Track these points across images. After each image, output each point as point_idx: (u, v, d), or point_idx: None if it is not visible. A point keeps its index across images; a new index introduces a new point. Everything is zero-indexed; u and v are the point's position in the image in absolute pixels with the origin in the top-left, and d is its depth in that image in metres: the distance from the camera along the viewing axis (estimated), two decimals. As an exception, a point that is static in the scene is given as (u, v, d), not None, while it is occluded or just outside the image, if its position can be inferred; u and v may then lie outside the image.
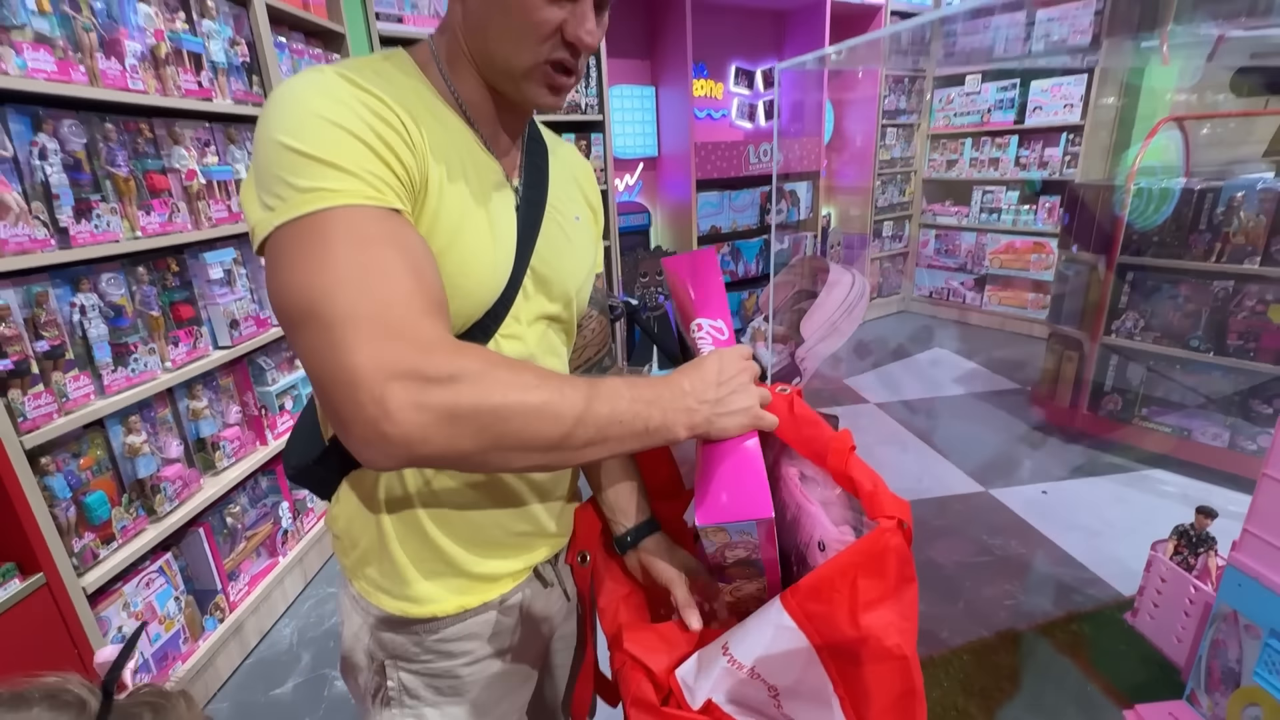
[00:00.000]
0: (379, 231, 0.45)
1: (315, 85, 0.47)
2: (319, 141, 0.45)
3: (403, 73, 0.56)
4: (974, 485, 2.34)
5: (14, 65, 1.14)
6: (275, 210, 0.45)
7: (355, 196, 0.45)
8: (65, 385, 1.23)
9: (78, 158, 1.28)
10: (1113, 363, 2.49)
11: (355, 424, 0.41)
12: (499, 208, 0.58)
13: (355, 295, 0.42)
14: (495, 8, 0.52)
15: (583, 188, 0.73)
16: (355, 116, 0.46)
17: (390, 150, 0.47)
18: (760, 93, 3.95)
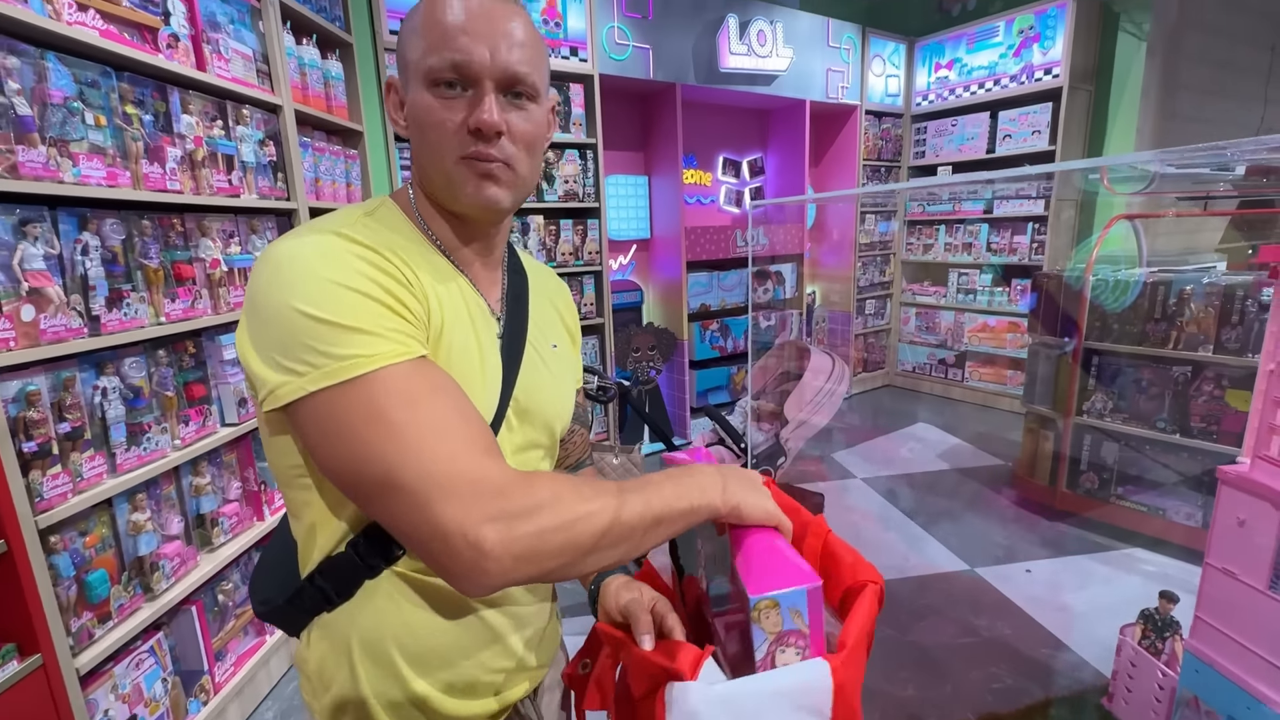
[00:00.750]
0: (420, 385, 0.49)
1: (318, 251, 0.51)
2: (339, 308, 0.48)
3: (389, 225, 0.60)
4: (959, 563, 2.37)
5: (70, 174, 1.27)
6: (305, 376, 0.48)
7: (389, 357, 0.48)
8: (81, 465, 1.28)
9: (115, 251, 1.39)
10: (1087, 442, 2.59)
11: (455, 570, 0.46)
12: (486, 342, 0.62)
13: (426, 458, 0.46)
14: (420, 127, 0.58)
15: (561, 314, 0.77)
16: (363, 277, 0.50)
17: (400, 303, 0.52)
18: (746, 180, 4.22)
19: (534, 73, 0.58)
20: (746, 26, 3.50)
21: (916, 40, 4.42)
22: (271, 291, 0.49)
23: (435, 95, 0.56)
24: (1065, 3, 3.59)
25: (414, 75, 0.57)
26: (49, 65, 1.24)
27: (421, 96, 0.57)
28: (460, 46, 0.55)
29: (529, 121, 0.59)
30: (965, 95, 4.20)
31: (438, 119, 0.56)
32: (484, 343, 0.62)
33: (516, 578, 0.47)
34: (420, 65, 0.56)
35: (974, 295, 4.29)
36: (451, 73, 0.55)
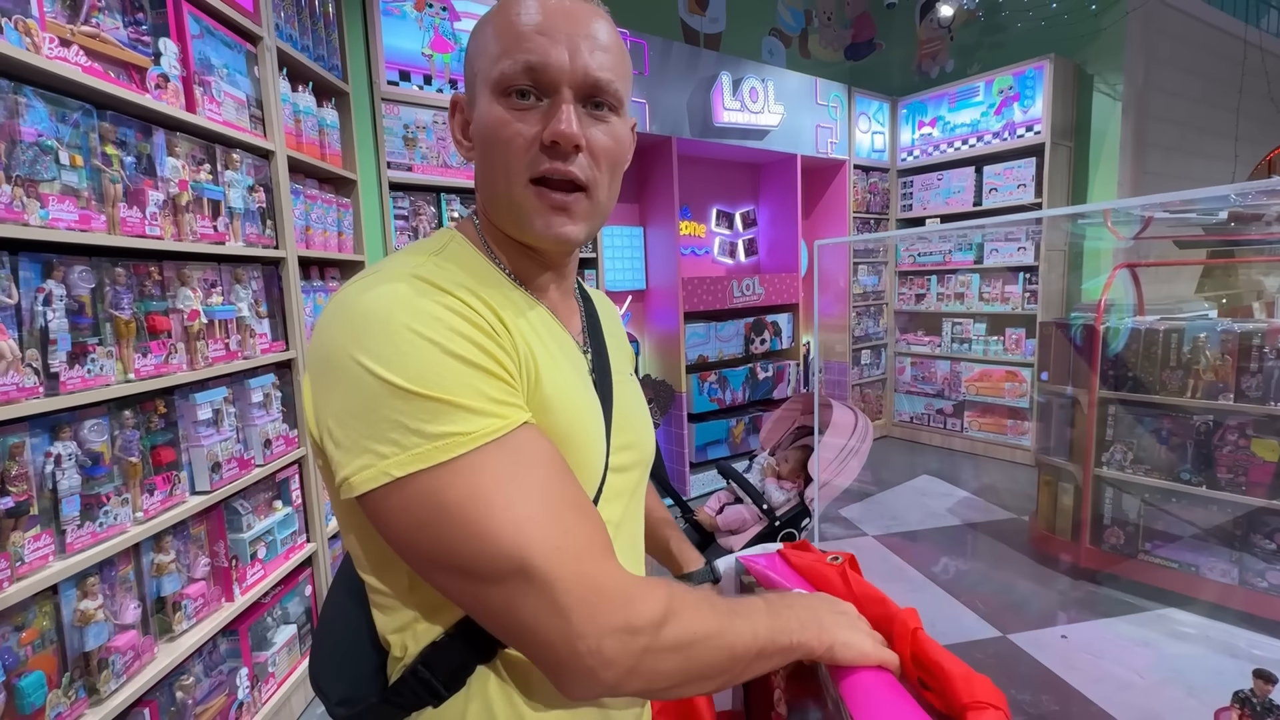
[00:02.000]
0: (525, 461, 0.44)
1: (399, 302, 0.44)
2: (426, 375, 0.41)
3: (462, 264, 0.52)
4: (990, 629, 2.21)
5: (37, 217, 1.14)
6: (390, 459, 0.41)
7: (488, 434, 0.42)
8: (23, 547, 1.10)
9: (82, 302, 1.26)
10: (1108, 495, 2.49)
11: (567, 675, 0.43)
12: (585, 385, 0.56)
13: (543, 553, 0.41)
14: (487, 143, 0.52)
15: (623, 335, 0.74)
16: (452, 333, 0.43)
17: (495, 361, 0.45)
18: (740, 232, 4.23)
19: (618, 80, 0.52)
20: (739, 84, 3.57)
21: (899, 99, 4.57)
22: (346, 351, 0.42)
23: (506, 106, 0.50)
24: (1042, 65, 3.74)
25: (483, 86, 0.51)
26: (23, 100, 1.14)
27: (491, 109, 0.50)
28: (536, 48, 0.48)
29: (611, 136, 0.52)
30: (949, 151, 4.31)
31: (508, 133, 0.50)
32: (585, 381, 0.57)
33: (624, 691, 0.44)
34: (490, 73, 0.50)
35: (969, 345, 4.27)
36: (525, 78, 0.49)
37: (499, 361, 0.45)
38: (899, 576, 2.63)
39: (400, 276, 0.46)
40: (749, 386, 3.89)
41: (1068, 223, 3.79)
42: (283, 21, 1.99)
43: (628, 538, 0.61)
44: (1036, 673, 1.97)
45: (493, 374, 0.44)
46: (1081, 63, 3.87)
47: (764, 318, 3.95)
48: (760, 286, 3.85)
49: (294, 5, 2.07)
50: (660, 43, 3.33)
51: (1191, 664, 1.99)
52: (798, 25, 4.45)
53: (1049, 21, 3.92)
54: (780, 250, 4.19)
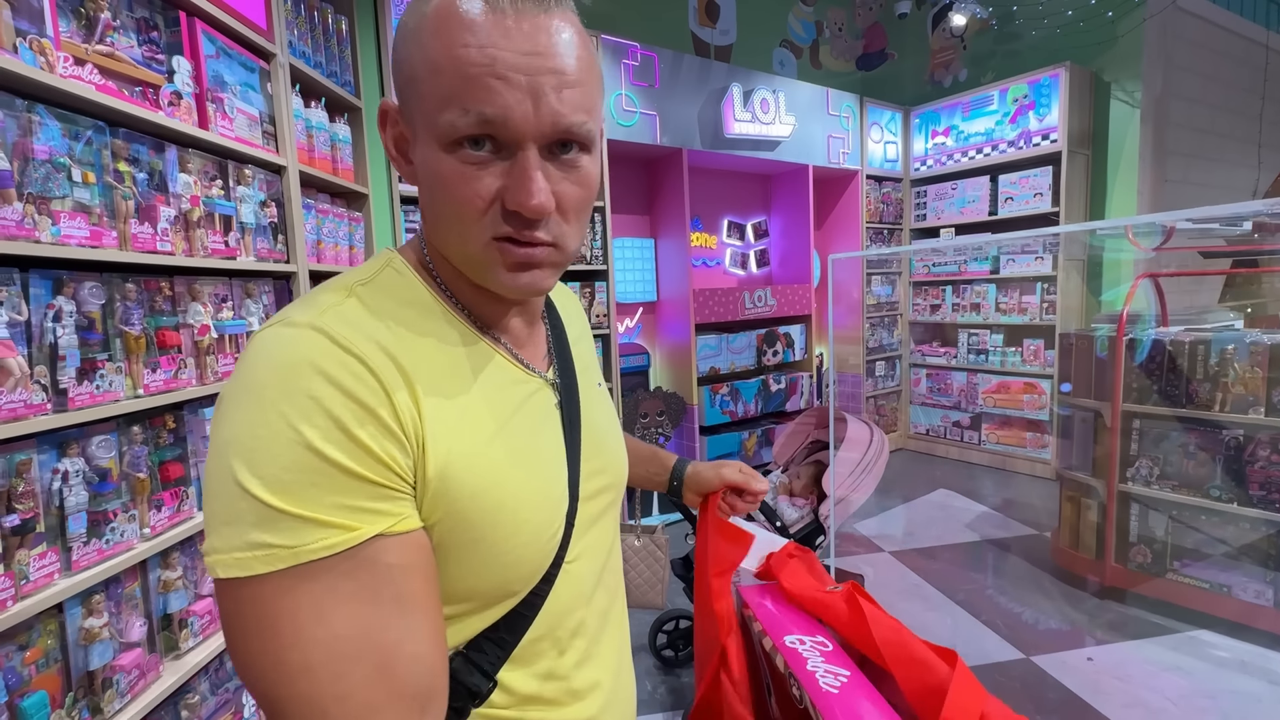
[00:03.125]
0: (346, 589, 0.38)
1: (284, 376, 0.39)
2: (277, 476, 0.37)
3: (394, 295, 0.47)
4: (1013, 651, 2.14)
5: (49, 234, 1.15)
6: (214, 555, 0.38)
7: (317, 550, 0.37)
8: (29, 565, 1.09)
9: (92, 318, 1.26)
10: (1134, 511, 2.42)
11: None
12: (535, 424, 0.51)
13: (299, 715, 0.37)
14: (433, 193, 0.45)
15: (586, 329, 0.70)
16: (327, 421, 0.38)
17: (368, 454, 0.39)
18: (751, 243, 4.20)
19: (589, 116, 0.44)
20: (750, 95, 3.56)
21: (912, 109, 4.54)
22: (219, 422, 0.40)
23: (457, 159, 0.42)
24: (1058, 73, 3.70)
25: (424, 125, 0.43)
26: (37, 119, 1.15)
27: (437, 158, 0.43)
28: (491, 99, 0.40)
29: (582, 184, 0.46)
30: (964, 160, 4.27)
31: (462, 194, 0.43)
32: (527, 422, 0.51)
33: None
34: (434, 117, 0.42)
35: (986, 356, 4.20)
36: (478, 129, 0.41)
37: (371, 453, 0.39)
38: (917, 594, 2.57)
39: (302, 331, 0.41)
40: (761, 399, 3.85)
41: (1087, 234, 3.73)
42: (296, 38, 2.02)
43: (589, 567, 0.56)
44: (1062, 698, 1.90)
45: (356, 475, 0.39)
46: (1098, 70, 3.82)
47: (776, 329, 3.92)
48: (772, 298, 3.82)
49: (307, 22, 2.10)
50: (671, 55, 3.34)
51: (1226, 689, 1.91)
52: (809, 36, 4.45)
53: (1064, 29, 3.88)
54: (792, 261, 4.16)
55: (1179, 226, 2.62)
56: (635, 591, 1.72)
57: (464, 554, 0.45)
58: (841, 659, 0.70)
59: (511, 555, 0.46)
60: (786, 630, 0.74)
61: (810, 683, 0.64)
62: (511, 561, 0.47)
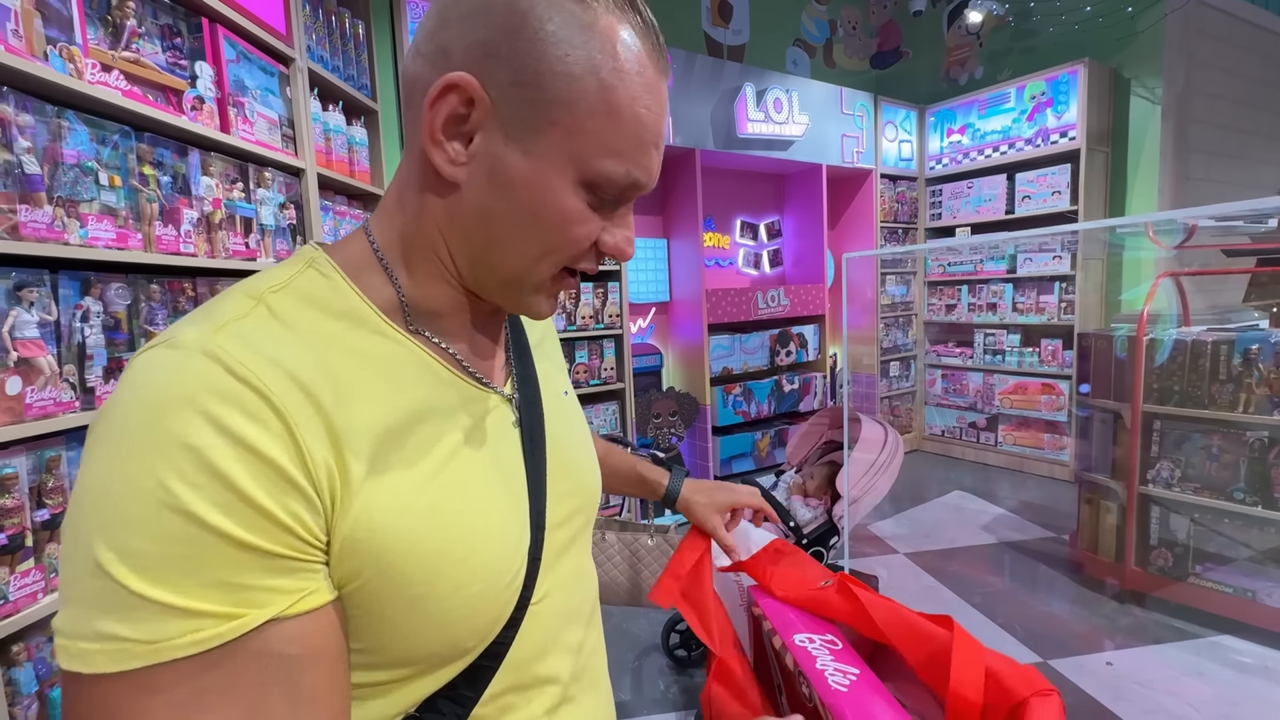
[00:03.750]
0: (216, 693, 0.31)
1: (159, 419, 0.31)
2: (140, 550, 0.30)
3: (312, 301, 0.40)
4: (1030, 654, 2.12)
5: (77, 236, 1.18)
6: (58, 637, 0.31)
7: (185, 645, 0.30)
8: (57, 559, 1.12)
9: (118, 318, 1.29)
10: (1155, 514, 2.38)
11: None
12: (488, 447, 0.46)
13: None
14: (517, 213, 0.41)
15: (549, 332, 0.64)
16: (210, 478, 0.31)
17: (264, 516, 0.32)
18: (764, 243, 4.19)
19: None
20: (763, 94, 3.55)
21: (927, 107, 4.50)
22: (81, 470, 0.32)
23: (587, 201, 0.41)
24: (1076, 70, 3.65)
25: (563, 152, 0.40)
26: (66, 124, 1.18)
27: (563, 188, 0.40)
28: (649, 167, 0.42)
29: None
30: (980, 158, 4.23)
31: (576, 232, 0.42)
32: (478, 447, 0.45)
33: None
34: (589, 159, 0.40)
35: (1002, 356, 4.15)
36: (619, 191, 0.42)
37: (269, 515, 0.32)
38: (932, 596, 2.54)
39: (187, 355, 0.33)
40: (774, 399, 3.83)
41: (1106, 232, 3.67)
42: (314, 43, 2.05)
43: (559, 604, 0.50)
44: (1081, 703, 1.88)
45: (246, 546, 0.32)
46: (1118, 66, 3.77)
47: (789, 329, 3.90)
48: (785, 298, 3.81)
49: (325, 27, 2.13)
50: (683, 55, 3.34)
51: (1251, 697, 1.87)
52: (822, 35, 4.43)
53: (1083, 25, 3.83)
54: (805, 261, 4.14)
55: (1201, 224, 2.58)
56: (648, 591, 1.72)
57: (403, 615, 0.38)
58: (851, 657, 0.70)
59: (463, 609, 0.40)
60: (795, 629, 0.74)
61: (819, 681, 0.65)
62: (463, 615, 0.40)
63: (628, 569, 1.73)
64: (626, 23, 0.39)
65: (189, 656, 0.30)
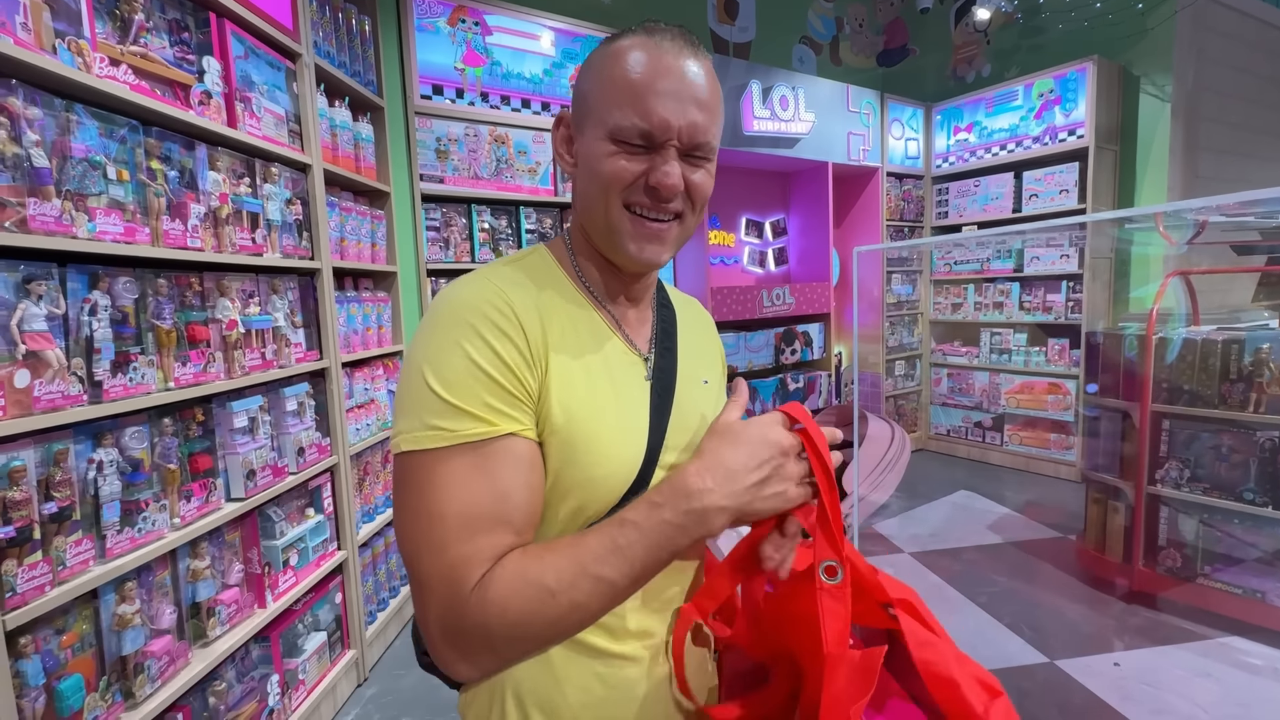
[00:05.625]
0: (481, 469, 0.52)
1: (459, 304, 0.55)
2: (449, 379, 0.52)
3: (536, 273, 0.62)
4: (1036, 654, 2.11)
5: (85, 230, 1.18)
6: (402, 435, 0.53)
7: (466, 436, 0.52)
8: (65, 551, 1.13)
9: (125, 312, 1.29)
10: (1164, 515, 2.36)
11: (433, 656, 0.53)
12: (629, 388, 0.61)
13: (438, 554, 0.51)
14: (592, 171, 0.58)
15: (710, 342, 0.79)
16: (481, 342, 0.53)
17: (508, 368, 0.54)
18: (770, 241, 4.18)
19: (714, 136, 0.60)
20: (769, 92, 3.54)
21: (934, 105, 4.48)
22: (413, 346, 0.56)
23: (618, 147, 0.57)
24: (1085, 67, 3.62)
25: (594, 122, 0.58)
26: (75, 118, 1.18)
27: (601, 145, 0.57)
28: (649, 111, 0.55)
29: (702, 179, 0.60)
30: (987, 157, 4.20)
31: (615, 168, 0.57)
32: (625, 391, 0.61)
33: (486, 673, 0.57)
34: (605, 118, 0.57)
35: (1009, 355, 4.13)
36: (637, 136, 0.56)
37: (510, 368, 0.54)
38: (937, 595, 2.53)
39: (476, 278, 0.58)
40: (779, 398, 3.82)
41: (1114, 228, 3.64)
42: (321, 39, 2.05)
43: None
44: (1088, 703, 1.86)
45: (499, 384, 0.53)
46: (1127, 64, 3.74)
47: (794, 328, 3.89)
48: (791, 296, 3.80)
49: (332, 23, 2.13)
50: (689, 53, 3.33)
51: (1260, 698, 1.85)
52: (829, 33, 4.41)
53: (1092, 22, 3.80)
54: (811, 259, 4.13)
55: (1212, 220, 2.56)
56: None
57: (558, 467, 0.56)
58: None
59: (588, 484, 0.56)
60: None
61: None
62: (587, 488, 0.56)
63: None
64: (633, 34, 0.58)
65: (469, 443, 0.52)
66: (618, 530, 0.52)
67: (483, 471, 0.52)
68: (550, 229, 2.93)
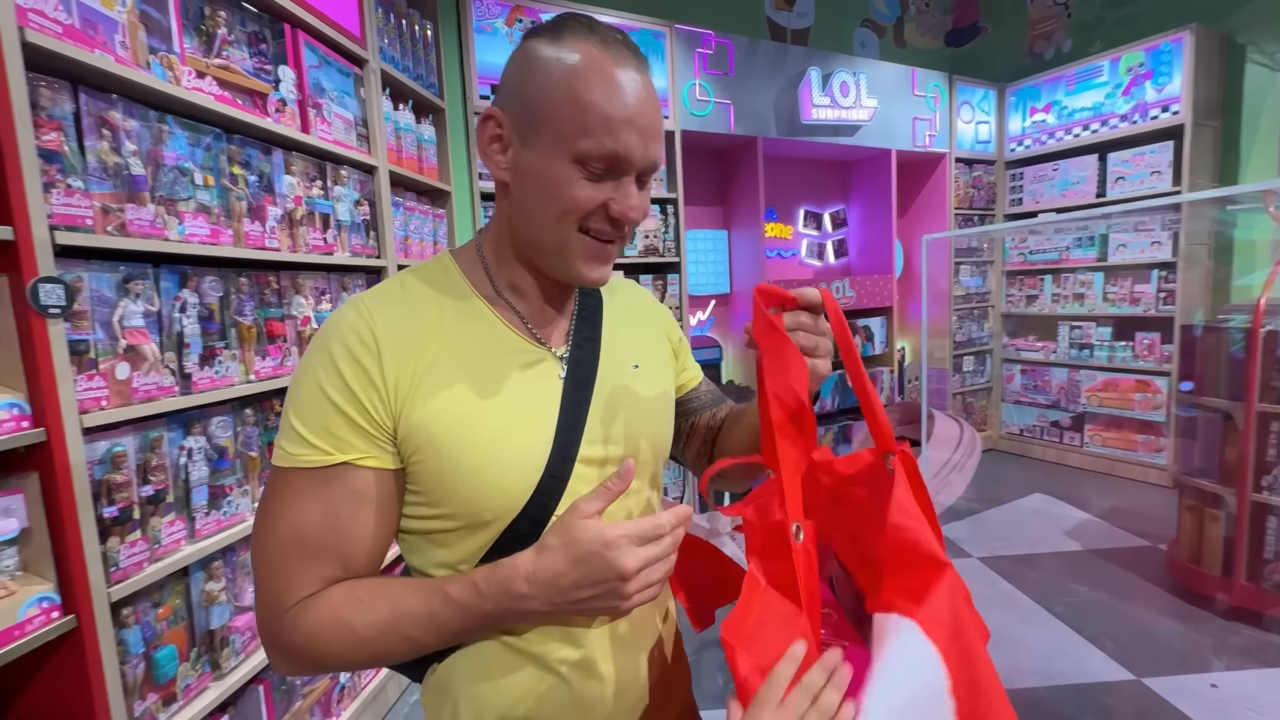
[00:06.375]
0: (314, 494, 0.54)
1: (325, 331, 0.57)
2: (301, 407, 0.55)
3: (435, 282, 0.62)
4: (1121, 671, 1.97)
5: (175, 232, 1.26)
6: (274, 452, 0.57)
7: (305, 462, 0.54)
8: (160, 531, 1.22)
9: (211, 309, 1.38)
10: (1271, 525, 2.15)
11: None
12: (530, 387, 0.61)
13: (267, 565, 0.55)
14: (543, 190, 0.56)
15: (645, 323, 0.75)
16: (334, 373, 0.54)
17: (356, 402, 0.54)
18: (829, 233, 4.06)
19: (663, 158, 0.65)
20: (829, 78, 3.43)
21: (1007, 85, 4.23)
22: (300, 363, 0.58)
23: (582, 172, 0.55)
24: (1181, 37, 3.33)
25: (550, 140, 0.55)
26: (166, 128, 1.26)
27: (562, 168, 0.55)
28: (623, 141, 0.54)
29: (648, 201, 0.61)
30: (1067, 138, 3.94)
31: (581, 196, 0.55)
32: (521, 385, 0.60)
33: (297, 675, 0.66)
34: (569, 141, 0.54)
35: (1091, 350, 3.87)
36: (604, 164, 0.55)
37: (358, 398, 0.54)
38: (1009, 604, 2.40)
39: (349, 305, 0.58)
40: (839, 393, 3.72)
41: (1215, 210, 3.34)
42: (386, 45, 2.12)
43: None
44: (1181, 725, 1.73)
45: (343, 413, 0.54)
46: (1230, 31, 3.41)
47: (855, 322, 3.77)
48: (851, 289, 3.68)
49: (395, 29, 2.20)
50: (746, 42, 3.27)
51: (1387, 732, 1.67)
52: (892, 14, 4.23)
53: (1190, -13, 3.49)
54: (872, 251, 3.99)
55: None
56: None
57: (446, 482, 0.56)
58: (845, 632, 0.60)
59: (482, 487, 0.56)
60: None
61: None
62: (482, 491, 0.57)
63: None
64: (587, 43, 0.54)
65: (306, 469, 0.54)
66: (439, 604, 0.54)
67: (317, 497, 0.54)
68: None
